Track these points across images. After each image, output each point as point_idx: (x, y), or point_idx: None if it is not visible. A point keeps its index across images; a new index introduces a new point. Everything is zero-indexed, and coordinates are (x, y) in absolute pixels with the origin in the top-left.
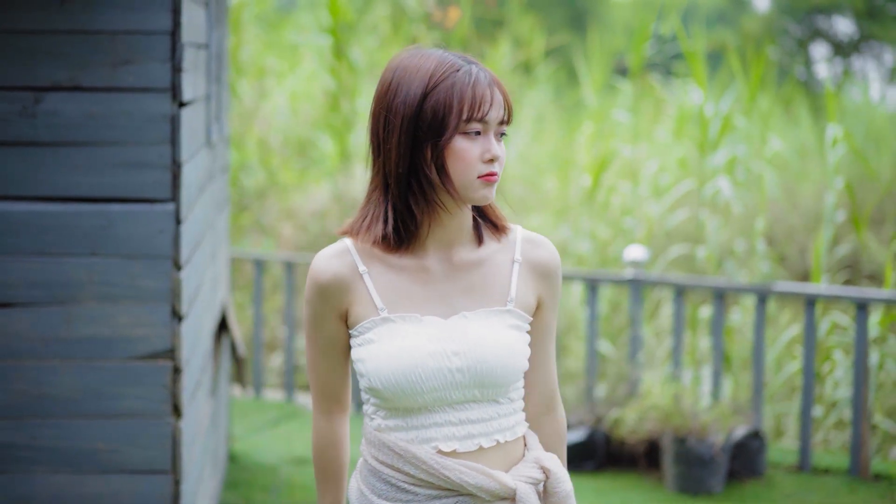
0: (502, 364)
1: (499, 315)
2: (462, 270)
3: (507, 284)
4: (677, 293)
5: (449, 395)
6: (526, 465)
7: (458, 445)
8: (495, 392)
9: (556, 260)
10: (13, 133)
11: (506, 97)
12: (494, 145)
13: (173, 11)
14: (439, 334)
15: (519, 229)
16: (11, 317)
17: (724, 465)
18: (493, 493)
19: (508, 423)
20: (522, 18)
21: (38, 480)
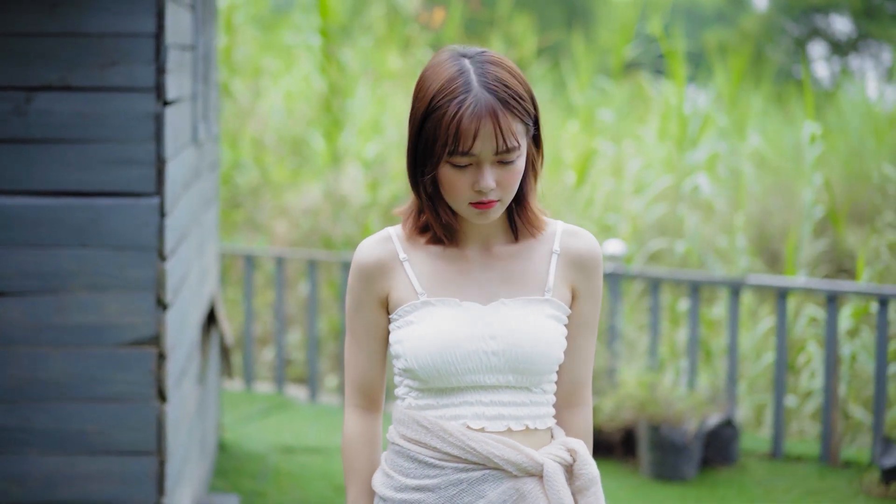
0: (538, 351)
1: (537, 304)
2: (501, 260)
3: (546, 274)
4: (654, 286)
5: (483, 378)
6: (555, 446)
7: (487, 424)
8: (529, 380)
9: (595, 251)
10: (6, 131)
11: (500, 128)
12: (485, 177)
13: (158, 15)
14: (477, 318)
15: (560, 224)
16: (5, 305)
17: (697, 452)
18: (521, 466)
19: (539, 412)
20: (516, 17)
21: (31, 461)
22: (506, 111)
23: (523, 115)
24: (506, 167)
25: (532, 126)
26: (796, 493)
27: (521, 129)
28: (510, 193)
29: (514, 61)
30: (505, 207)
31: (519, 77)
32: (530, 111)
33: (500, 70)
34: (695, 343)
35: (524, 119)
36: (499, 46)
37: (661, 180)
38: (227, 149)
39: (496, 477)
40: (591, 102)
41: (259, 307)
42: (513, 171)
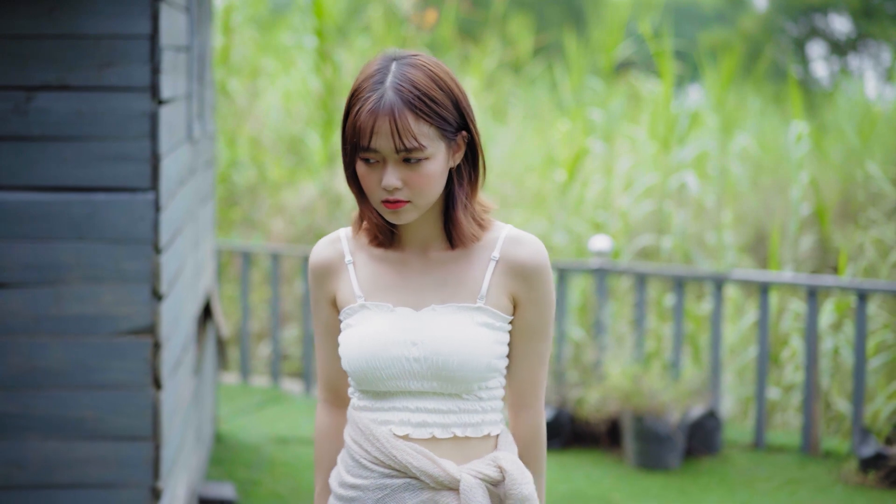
0: (460, 359)
1: (468, 311)
2: (438, 265)
3: (481, 281)
4: (640, 281)
5: (409, 384)
6: (482, 461)
7: (412, 431)
8: (456, 387)
9: (537, 259)
10: (7, 129)
11: (398, 127)
12: (388, 175)
13: (152, 17)
14: (405, 324)
15: (506, 229)
16: (5, 296)
17: (680, 442)
18: (436, 479)
19: (471, 419)
20: (512, 18)
21: (31, 446)
22: (408, 111)
23: (433, 118)
24: (413, 168)
25: (452, 132)
26: (777, 481)
27: (429, 132)
28: (422, 196)
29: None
30: (420, 210)
31: (440, 82)
32: (447, 117)
33: (417, 72)
34: (679, 336)
35: (435, 123)
36: (494, 47)
37: (647, 177)
38: (225, 148)
39: (415, 487)
40: (584, 102)
41: (256, 303)
42: (421, 172)
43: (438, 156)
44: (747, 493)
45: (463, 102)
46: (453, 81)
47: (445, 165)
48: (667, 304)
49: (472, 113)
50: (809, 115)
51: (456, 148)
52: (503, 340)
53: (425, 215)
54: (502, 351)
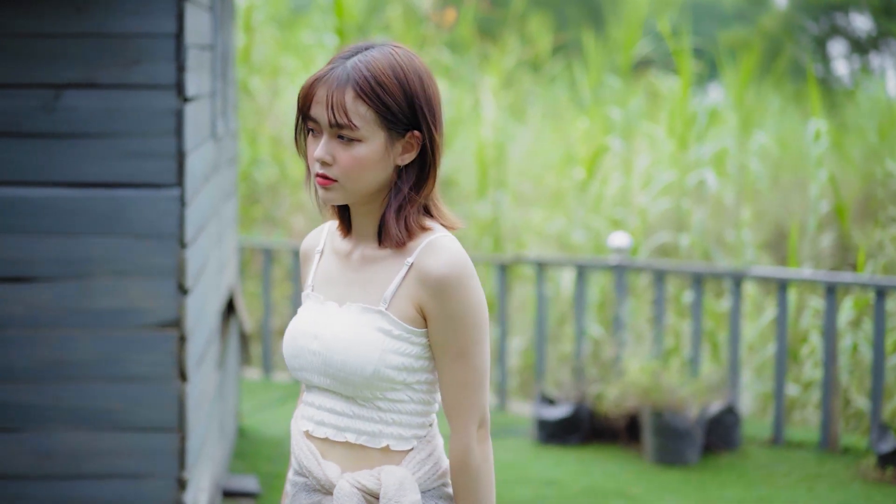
0: (348, 360)
1: (371, 314)
2: (364, 263)
3: (388, 285)
4: (658, 278)
5: (312, 377)
6: (367, 472)
7: (312, 428)
8: (346, 388)
9: (444, 272)
10: (36, 126)
11: (334, 100)
12: (320, 147)
13: (178, 16)
14: (317, 318)
15: (431, 236)
16: (35, 290)
17: (699, 437)
18: (317, 479)
19: (367, 427)
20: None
21: (59, 437)
22: (349, 87)
23: (374, 102)
24: (345, 146)
25: (398, 126)
26: (795, 477)
27: (367, 115)
28: (349, 178)
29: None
30: (349, 194)
31: (399, 73)
32: (392, 107)
33: (382, 59)
34: (698, 333)
35: (375, 107)
36: (513, 45)
37: (665, 175)
38: (246, 146)
39: (310, 487)
40: (602, 100)
41: (277, 300)
42: (351, 153)
43: (374, 143)
44: (766, 488)
45: (420, 102)
46: (419, 80)
47: (383, 156)
48: (685, 301)
49: (432, 118)
50: (830, 113)
51: (405, 146)
52: (406, 352)
53: (369, 210)
54: (400, 362)
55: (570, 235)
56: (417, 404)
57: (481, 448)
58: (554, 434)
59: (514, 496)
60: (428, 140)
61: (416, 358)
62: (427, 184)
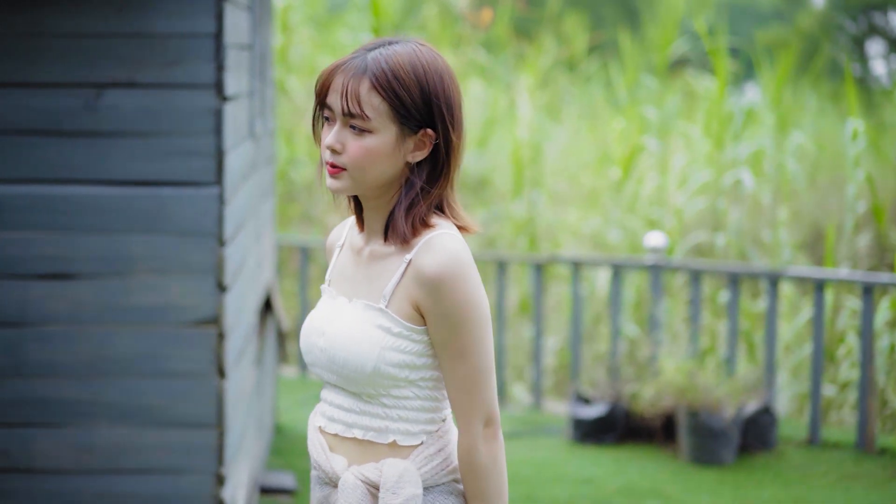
0: (348, 357)
1: (372, 311)
2: (371, 259)
3: (388, 283)
4: (694, 278)
5: (322, 373)
6: (371, 465)
7: (325, 424)
8: (351, 385)
9: (437, 271)
10: (78, 125)
11: (348, 88)
12: (330, 135)
13: (217, 16)
14: (326, 314)
15: (437, 231)
16: (77, 287)
17: (735, 437)
18: (326, 473)
19: (373, 423)
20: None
21: (100, 432)
22: (366, 78)
23: (388, 95)
24: (356, 136)
25: (411, 122)
26: (832, 477)
27: (380, 107)
28: (357, 168)
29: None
30: (357, 185)
31: (419, 70)
32: (406, 102)
33: (404, 54)
34: (734, 332)
35: (389, 101)
36: (549, 45)
37: (700, 174)
38: (284, 145)
39: (322, 480)
40: (638, 99)
41: (314, 298)
42: (361, 143)
43: (385, 135)
44: (802, 488)
45: (438, 101)
46: (439, 79)
47: (392, 150)
48: (721, 301)
49: (450, 118)
50: (867, 113)
51: (417, 143)
52: (406, 349)
53: (378, 205)
54: (401, 360)
55: (605, 235)
56: (424, 401)
57: (488, 447)
58: (589, 433)
59: (549, 495)
60: (443, 140)
61: (418, 355)
62: (439, 184)
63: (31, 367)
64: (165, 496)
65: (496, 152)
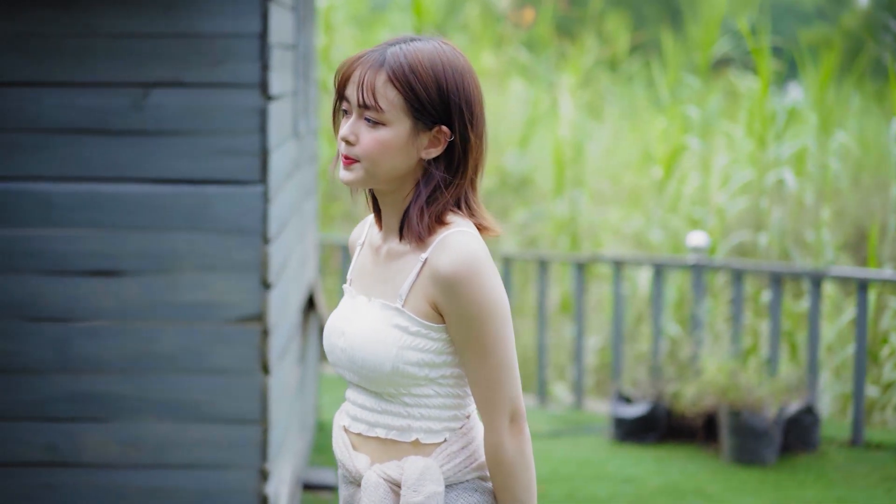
0: (366, 356)
1: (389, 311)
2: (388, 258)
3: (404, 282)
4: (736, 277)
5: (344, 373)
6: (393, 463)
7: (349, 423)
8: (371, 384)
9: (452, 270)
10: (125, 124)
11: (364, 80)
12: (345, 126)
13: (262, 16)
14: (346, 313)
15: (453, 229)
16: (123, 284)
17: (777, 437)
18: (349, 471)
19: (395, 422)
20: (609, 15)
21: (146, 427)
22: (383, 71)
23: (404, 89)
24: (369, 128)
25: (425, 117)
26: (874, 478)
27: (395, 100)
28: (370, 160)
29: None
30: (369, 177)
31: (437, 66)
32: (421, 96)
33: (424, 50)
34: (776, 332)
35: (404, 94)
36: (591, 44)
37: (742, 174)
38: (326, 144)
39: (346, 479)
40: (681, 99)
41: None
42: (374, 135)
43: (398, 128)
44: (844, 489)
45: (455, 98)
46: (459, 76)
47: (405, 144)
48: (764, 301)
49: (469, 116)
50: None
51: (432, 140)
52: (425, 347)
53: (394, 201)
54: (419, 358)
55: (647, 234)
56: (446, 398)
57: (515, 442)
58: (630, 432)
59: (590, 493)
60: (459, 138)
61: (437, 353)
62: (454, 183)
63: (79, 363)
64: (210, 491)
65: (538, 152)
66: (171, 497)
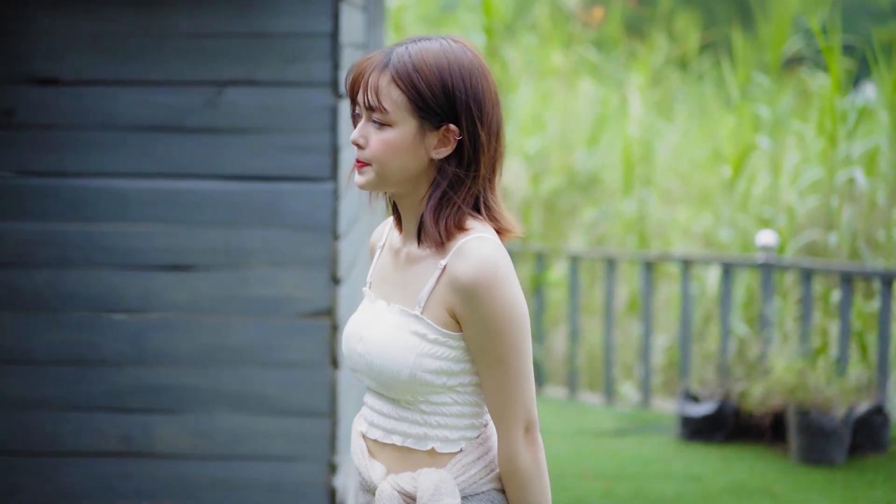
0: (381, 362)
1: (407, 317)
2: (407, 263)
3: (423, 288)
4: (805, 276)
5: (363, 378)
6: (408, 475)
7: (367, 430)
8: (389, 391)
9: (472, 276)
10: (198, 121)
11: (369, 82)
12: (355, 130)
13: (333, 16)
14: (365, 318)
15: (472, 236)
16: (196, 279)
17: (845, 437)
18: (364, 479)
19: (412, 430)
20: (679, 14)
21: (219, 419)
22: (388, 72)
23: (408, 88)
24: (377, 130)
25: (431, 116)
26: None
27: (399, 101)
28: (378, 162)
29: (676, 57)
30: (381, 180)
31: (442, 64)
32: (426, 95)
33: (427, 51)
34: (846, 332)
35: (408, 94)
36: (661, 43)
37: (811, 172)
38: None
39: (365, 487)
40: (751, 98)
41: None
42: (381, 137)
43: (404, 129)
44: None
45: (461, 95)
46: (466, 73)
47: (413, 144)
48: (833, 301)
49: (478, 114)
50: None
51: (441, 139)
52: (443, 355)
53: (411, 204)
54: (437, 366)
55: (716, 233)
56: (464, 406)
57: (530, 451)
58: (698, 431)
59: (657, 492)
60: (468, 136)
61: (456, 361)
62: (466, 182)
63: (153, 355)
64: (279, 483)
65: (607, 151)
66: (241, 488)
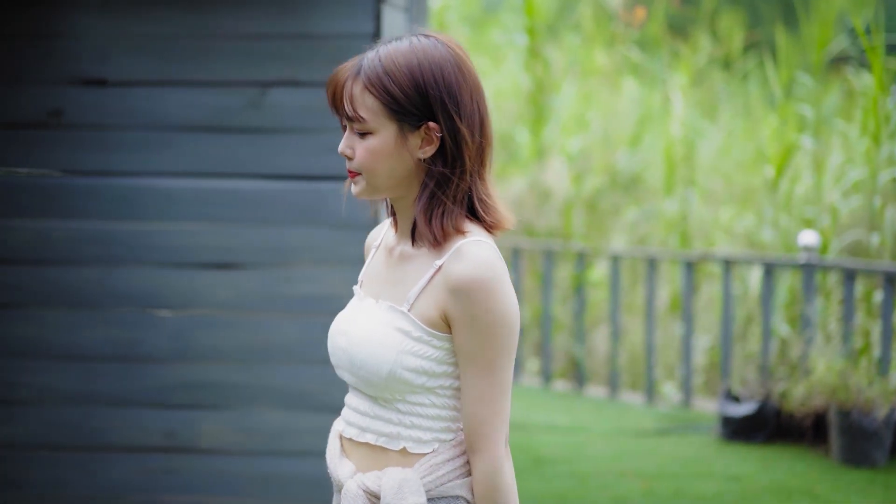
0: (362, 357)
1: (394, 314)
2: (401, 260)
3: (413, 286)
4: (847, 277)
5: (344, 374)
6: (373, 473)
7: (344, 428)
8: (371, 388)
9: (469, 278)
10: (242, 121)
11: (343, 92)
12: (342, 142)
13: (375, 17)
14: (351, 314)
15: (469, 239)
16: (240, 277)
17: (887, 438)
18: (333, 478)
19: (386, 430)
20: (722, 13)
21: (261, 415)
22: (359, 81)
23: (379, 93)
24: (361, 139)
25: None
26: None
27: (374, 106)
28: (368, 171)
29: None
30: (373, 188)
31: (412, 62)
32: (398, 97)
33: (396, 51)
34: (888, 332)
35: (381, 98)
36: (704, 43)
37: (854, 173)
38: None
39: (337, 487)
40: (794, 97)
41: None
42: (364, 145)
43: (385, 135)
44: None
45: (434, 92)
46: (437, 68)
47: (395, 148)
48: (876, 301)
49: (455, 108)
50: None
51: (424, 138)
52: (425, 354)
53: (406, 205)
54: (418, 365)
55: (758, 234)
56: (441, 409)
57: (509, 464)
58: (738, 431)
59: (697, 491)
60: (447, 131)
61: (438, 362)
62: (454, 178)
63: (197, 352)
64: (320, 479)
65: (649, 150)
66: (283, 484)
